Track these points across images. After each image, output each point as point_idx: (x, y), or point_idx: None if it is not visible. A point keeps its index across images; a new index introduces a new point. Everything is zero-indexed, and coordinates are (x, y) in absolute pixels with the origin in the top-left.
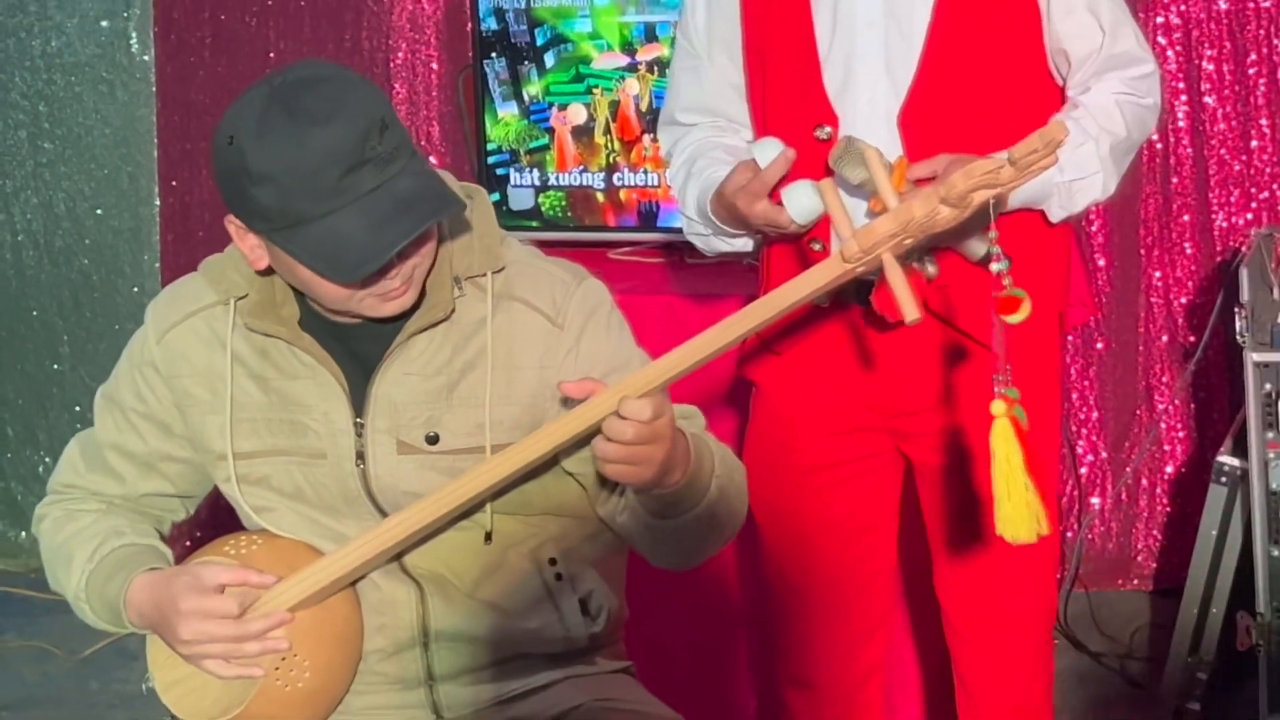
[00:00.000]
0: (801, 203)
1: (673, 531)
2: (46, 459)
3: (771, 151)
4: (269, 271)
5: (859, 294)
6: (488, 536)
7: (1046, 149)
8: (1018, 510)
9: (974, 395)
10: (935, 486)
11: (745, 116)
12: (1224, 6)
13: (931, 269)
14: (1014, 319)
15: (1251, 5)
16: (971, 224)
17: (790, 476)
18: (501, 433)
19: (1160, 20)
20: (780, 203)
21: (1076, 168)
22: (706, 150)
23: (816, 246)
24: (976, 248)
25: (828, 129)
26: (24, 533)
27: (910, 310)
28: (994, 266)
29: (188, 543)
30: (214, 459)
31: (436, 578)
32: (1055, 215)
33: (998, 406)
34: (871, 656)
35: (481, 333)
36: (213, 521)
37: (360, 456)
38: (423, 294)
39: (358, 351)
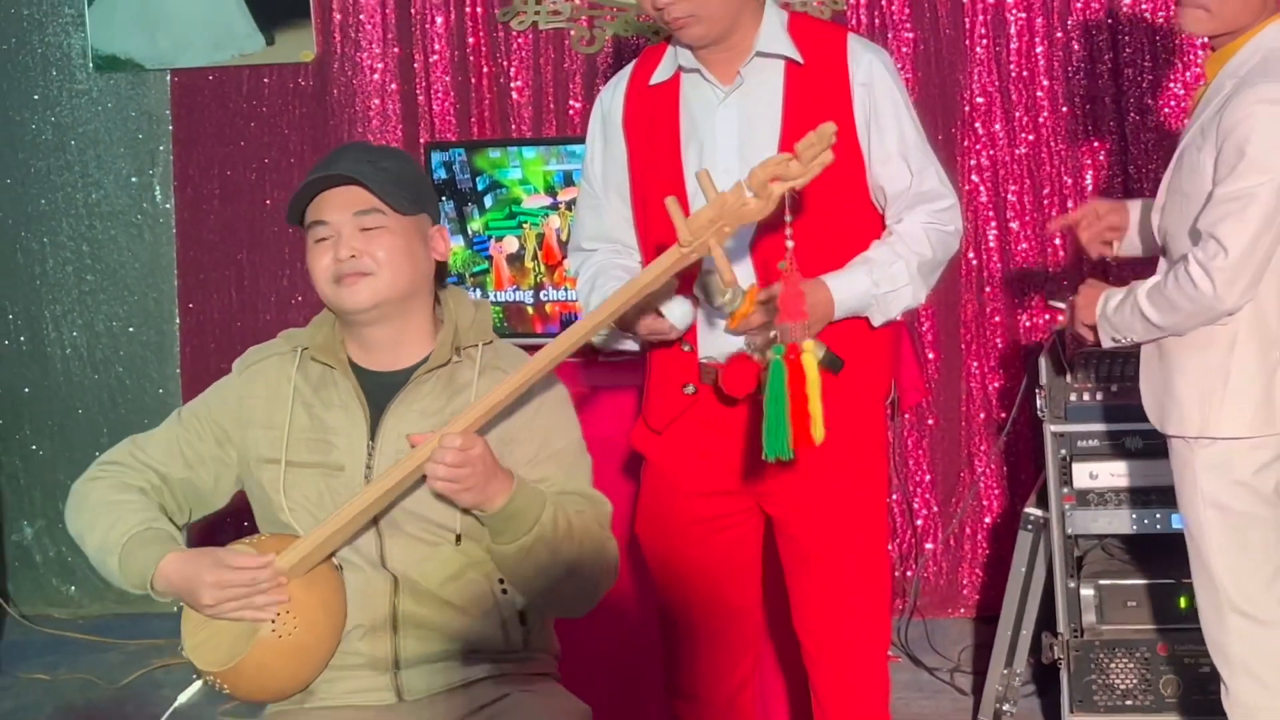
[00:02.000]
0: (675, 313)
1: (510, 559)
2: None
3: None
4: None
5: (710, 379)
6: (458, 539)
7: (822, 143)
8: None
9: (816, 464)
10: (788, 539)
11: (635, 242)
12: (1023, 151)
13: (818, 353)
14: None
15: (1045, 150)
16: (808, 331)
17: (672, 529)
18: None
19: (974, 162)
20: (661, 314)
21: (890, 282)
22: (606, 269)
23: (686, 348)
24: (814, 351)
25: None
26: (74, 587)
27: (728, 275)
28: (720, 299)
29: None
30: (264, 463)
31: (408, 576)
32: (876, 320)
33: (809, 344)
34: (743, 674)
35: (469, 390)
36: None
37: (369, 471)
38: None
39: (377, 393)
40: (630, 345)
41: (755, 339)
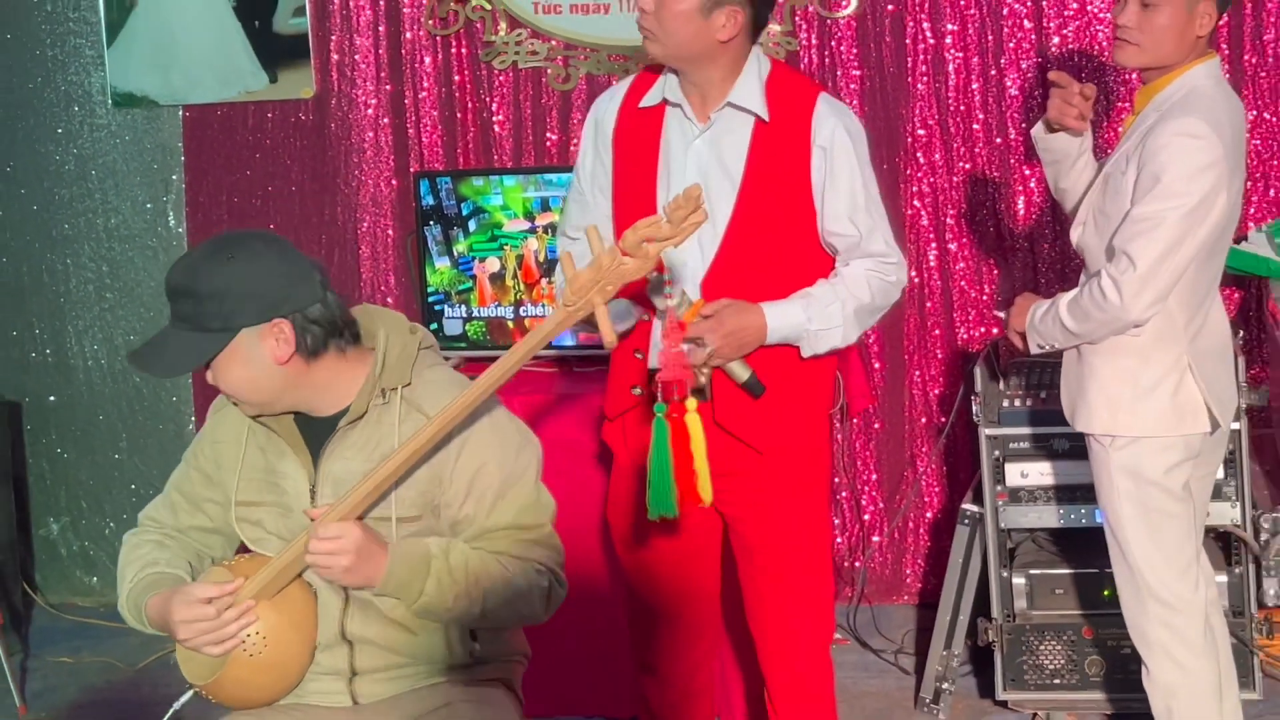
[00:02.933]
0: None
1: (418, 613)
2: (111, 524)
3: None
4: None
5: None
6: None
7: (689, 205)
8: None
9: (762, 469)
10: (738, 536)
11: (613, 236)
12: (960, 179)
13: (742, 374)
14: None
15: (981, 178)
16: (738, 351)
17: (635, 516)
18: (404, 507)
19: (915, 189)
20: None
21: (824, 320)
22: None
23: (638, 355)
24: (740, 373)
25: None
26: (96, 578)
27: (609, 338)
28: (666, 303)
29: None
30: (233, 504)
31: (362, 599)
32: (804, 352)
33: (691, 403)
34: (701, 652)
35: (393, 433)
36: None
37: None
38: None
39: (319, 436)
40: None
41: (696, 351)
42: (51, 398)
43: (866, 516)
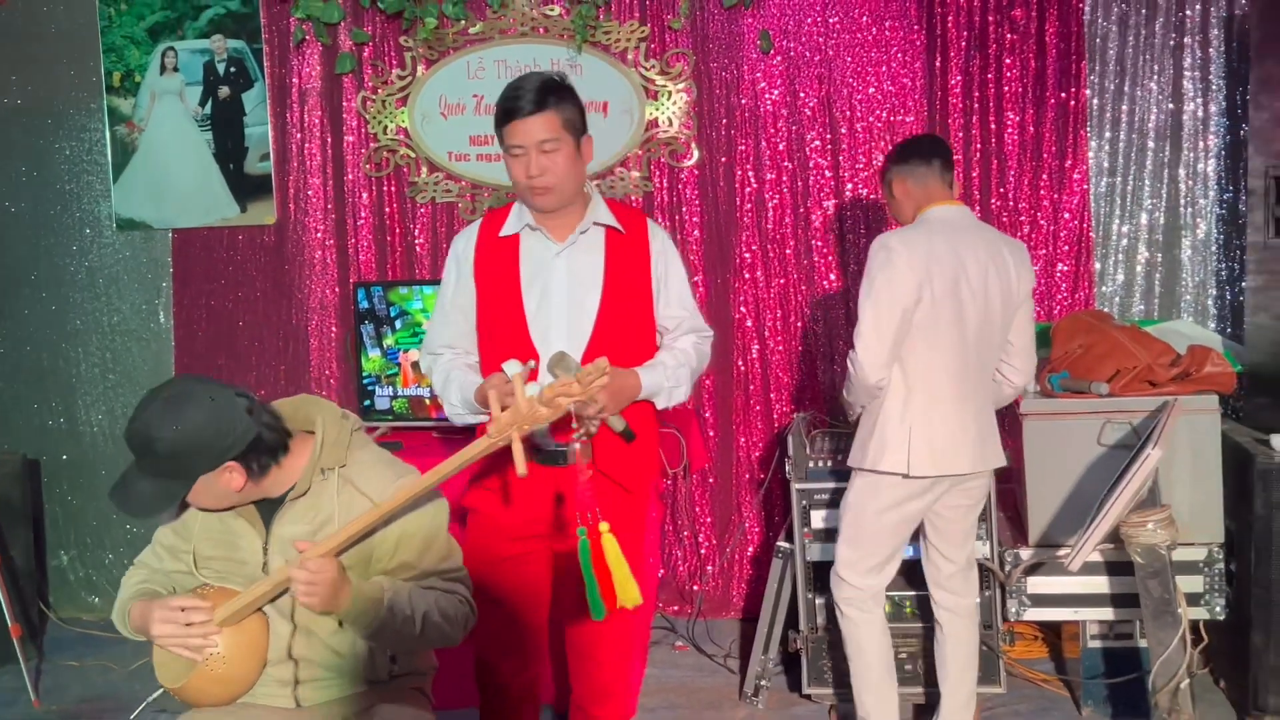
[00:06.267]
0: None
1: (366, 638)
2: (110, 556)
3: (516, 368)
4: None
5: (554, 459)
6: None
7: (598, 373)
8: (628, 587)
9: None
10: (560, 571)
11: (474, 348)
12: (776, 290)
13: (619, 425)
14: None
15: (792, 289)
16: (620, 405)
17: (488, 560)
18: (343, 557)
19: (742, 298)
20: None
21: (674, 379)
22: (456, 366)
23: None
24: (617, 424)
25: (533, 362)
26: (97, 598)
27: (521, 468)
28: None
29: None
30: (195, 555)
31: (306, 625)
32: (660, 404)
33: (604, 526)
34: (540, 662)
35: (331, 504)
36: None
37: (264, 566)
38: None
39: (267, 509)
40: (480, 419)
41: (590, 405)
42: (64, 456)
43: (703, 550)
